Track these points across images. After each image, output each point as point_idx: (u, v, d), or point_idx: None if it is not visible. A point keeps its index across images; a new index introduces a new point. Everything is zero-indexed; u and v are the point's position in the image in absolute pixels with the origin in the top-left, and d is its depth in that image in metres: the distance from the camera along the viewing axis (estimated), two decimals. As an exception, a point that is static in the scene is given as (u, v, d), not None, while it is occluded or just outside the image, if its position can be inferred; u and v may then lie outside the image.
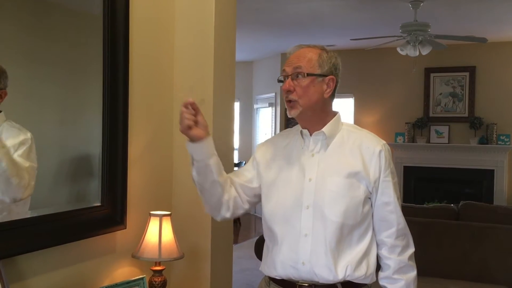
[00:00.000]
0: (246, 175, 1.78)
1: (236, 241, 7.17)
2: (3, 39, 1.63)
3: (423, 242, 3.74)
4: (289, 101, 1.65)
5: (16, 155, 1.60)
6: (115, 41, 1.95)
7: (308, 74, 1.63)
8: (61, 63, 1.83)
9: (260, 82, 9.15)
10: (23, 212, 1.70)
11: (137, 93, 2.11)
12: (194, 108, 1.61)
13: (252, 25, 6.39)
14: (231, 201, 1.74)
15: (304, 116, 1.66)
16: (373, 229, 1.70)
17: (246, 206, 1.79)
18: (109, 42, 1.93)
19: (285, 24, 6.21)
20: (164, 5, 2.31)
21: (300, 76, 1.63)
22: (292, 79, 1.63)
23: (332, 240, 1.62)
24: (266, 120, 9.30)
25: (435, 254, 3.68)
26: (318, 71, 1.64)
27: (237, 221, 7.88)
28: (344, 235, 1.63)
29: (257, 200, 1.80)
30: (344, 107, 8.09)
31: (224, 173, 1.72)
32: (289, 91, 1.63)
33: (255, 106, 9.47)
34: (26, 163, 1.64)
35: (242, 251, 6.03)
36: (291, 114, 1.66)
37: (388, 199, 1.67)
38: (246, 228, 7.76)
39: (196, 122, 1.61)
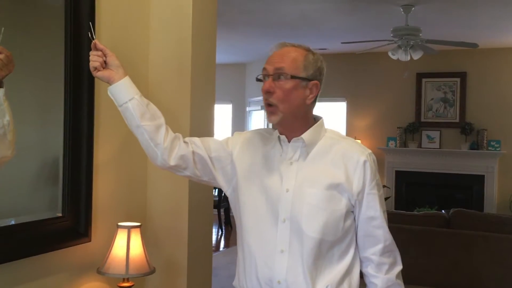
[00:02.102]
0: (212, 150, 1.65)
1: (227, 245, 7.06)
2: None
3: (413, 250, 3.68)
4: (269, 105, 1.52)
5: None
6: (78, 34, 1.81)
7: (292, 77, 1.49)
8: (23, 59, 1.72)
9: (253, 85, 9.06)
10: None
11: (105, 93, 1.98)
12: (100, 49, 1.59)
13: (244, 27, 6.33)
14: (180, 155, 1.61)
15: (284, 122, 1.53)
16: (357, 246, 1.58)
17: (198, 172, 1.65)
18: (71, 36, 1.80)
19: (277, 26, 6.15)
20: (138, 5, 2.19)
21: (282, 77, 1.49)
22: (273, 80, 1.50)
23: (310, 257, 1.49)
24: (258, 123, 9.23)
25: (425, 263, 3.63)
26: (302, 74, 1.50)
27: (228, 224, 7.78)
28: (323, 252, 1.51)
29: (212, 179, 1.67)
30: (336, 111, 8.04)
31: (159, 120, 1.61)
32: (268, 93, 1.50)
33: (248, 109, 9.40)
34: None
35: (232, 256, 5.91)
36: (271, 120, 1.53)
37: (374, 213, 1.55)
38: (237, 232, 7.64)
39: (106, 64, 1.60)
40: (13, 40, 1.68)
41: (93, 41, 1.60)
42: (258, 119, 9.29)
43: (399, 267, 1.61)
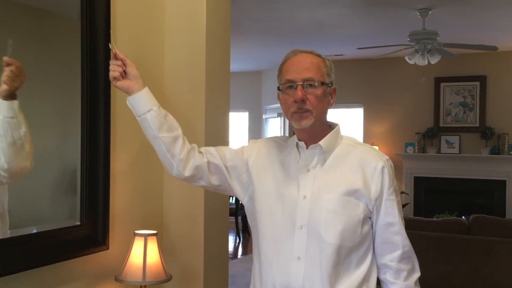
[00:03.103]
0: (227, 160, 1.66)
1: (245, 253, 7.05)
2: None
3: (432, 256, 3.63)
4: (301, 111, 1.52)
5: None
6: (94, 45, 1.84)
7: (322, 83, 1.53)
8: (41, 70, 1.75)
9: (269, 92, 9.09)
10: (3, 231, 1.61)
11: (121, 102, 2.00)
12: (121, 59, 1.60)
13: (260, 35, 6.35)
14: (195, 165, 1.62)
15: (312, 127, 1.55)
16: (374, 252, 1.57)
17: (214, 182, 1.67)
18: (87, 46, 1.82)
19: (292, 33, 6.16)
20: (151, 13, 2.21)
21: (313, 85, 1.52)
22: (303, 88, 1.52)
23: (328, 264, 1.49)
24: (275, 130, 9.22)
25: (444, 270, 3.57)
26: (327, 80, 1.55)
27: (246, 231, 7.77)
28: (341, 259, 1.50)
29: (228, 187, 1.68)
30: (353, 117, 8.00)
31: (177, 131, 1.63)
32: (302, 101, 1.51)
33: (264, 116, 9.41)
34: None
35: (251, 264, 5.89)
36: (303, 124, 1.53)
37: (393, 220, 1.55)
38: (255, 240, 7.62)
39: (126, 74, 1.61)
40: (30, 51, 1.72)
41: (114, 51, 1.60)
42: (274, 126, 9.29)
43: (417, 274, 1.59)
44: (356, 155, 1.58)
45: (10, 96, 1.51)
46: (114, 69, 1.60)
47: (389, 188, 1.55)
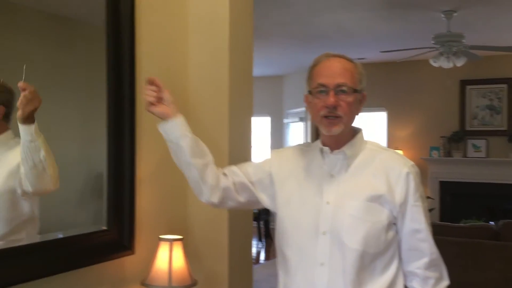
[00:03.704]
0: (252, 175, 1.68)
1: (267, 258, 7.03)
2: (18, 56, 1.61)
3: (460, 263, 3.56)
4: (333, 117, 1.51)
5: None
6: (119, 55, 1.86)
7: (354, 90, 1.52)
8: (67, 78, 1.78)
9: (291, 97, 9.08)
10: (32, 236, 1.64)
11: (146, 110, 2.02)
12: (157, 85, 1.60)
13: (281, 40, 6.35)
14: (222, 188, 1.65)
15: (340, 134, 1.54)
16: (400, 259, 1.55)
17: (242, 199, 1.69)
18: (112, 54, 1.84)
19: (312, 37, 6.14)
20: (175, 18, 2.23)
21: (345, 91, 1.51)
22: (336, 94, 1.50)
23: (352, 270, 1.47)
24: (296, 135, 9.20)
25: (472, 277, 3.50)
26: (359, 87, 1.54)
27: (268, 236, 7.75)
28: (365, 265, 1.48)
29: (256, 201, 1.69)
30: (376, 121, 7.93)
31: (207, 157, 1.64)
32: (334, 107, 1.50)
33: (286, 121, 9.40)
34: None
35: (273, 269, 5.87)
36: (333, 131, 1.52)
37: (419, 226, 1.52)
38: (278, 245, 7.58)
39: (161, 100, 1.60)
40: (57, 59, 1.74)
41: (151, 77, 1.60)
42: (296, 130, 9.26)
43: (445, 282, 1.57)
44: (380, 161, 1.56)
45: (27, 120, 1.52)
46: (150, 94, 1.60)
47: (415, 194, 1.52)
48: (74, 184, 1.82)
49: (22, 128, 1.52)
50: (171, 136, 1.62)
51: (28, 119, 1.52)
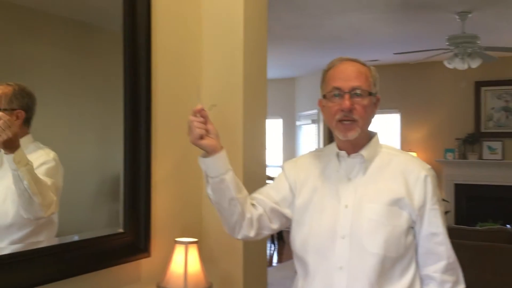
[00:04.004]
0: (275, 196, 1.66)
1: (280, 260, 7.02)
2: (36, 61, 1.63)
3: (476, 267, 3.52)
4: (347, 121, 1.50)
5: (38, 173, 1.57)
6: (136, 59, 1.88)
7: (369, 93, 1.52)
8: (84, 82, 1.80)
9: (303, 99, 9.07)
10: (51, 238, 1.66)
11: (161, 112, 2.03)
12: (203, 116, 1.51)
13: (293, 42, 6.35)
14: (255, 220, 1.62)
15: (357, 138, 1.53)
16: (417, 263, 1.54)
17: (275, 226, 1.66)
18: (129, 59, 1.86)
19: (325, 39, 6.13)
20: (190, 22, 2.25)
21: (360, 94, 1.50)
22: (351, 97, 1.50)
23: (372, 274, 1.46)
24: (309, 137, 9.18)
25: (489, 281, 3.46)
26: (373, 90, 1.54)
27: (281, 239, 7.73)
28: (385, 269, 1.48)
29: (285, 221, 1.68)
30: (389, 123, 7.88)
31: (244, 190, 1.61)
32: (350, 110, 1.49)
33: (298, 123, 9.39)
34: (49, 181, 1.61)
35: (286, 271, 5.89)
36: (349, 136, 1.51)
37: (437, 230, 1.52)
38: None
39: (206, 132, 1.51)
40: (75, 64, 1.77)
41: (198, 107, 1.51)
42: (308, 133, 9.25)
43: (462, 286, 1.56)
44: (398, 164, 1.56)
45: (7, 149, 1.50)
46: (200, 127, 1.50)
47: (433, 198, 1.52)
48: (91, 186, 1.84)
49: (5, 157, 1.51)
50: (215, 171, 1.53)
51: (7, 148, 1.49)
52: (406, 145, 7.64)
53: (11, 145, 1.49)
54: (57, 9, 1.72)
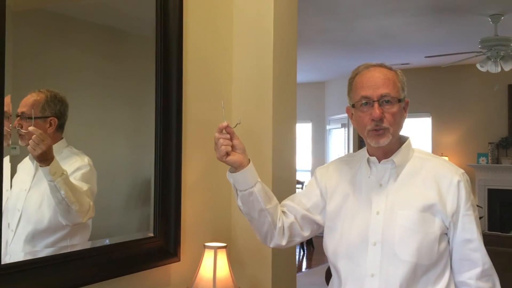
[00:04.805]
0: (306, 203, 1.66)
1: (309, 266, 6.98)
2: (71, 66, 1.66)
3: (510, 275, 3.42)
4: (379, 130, 1.49)
5: (73, 179, 1.61)
6: (168, 64, 1.90)
7: (398, 100, 1.50)
8: (117, 87, 1.83)
9: (333, 103, 9.02)
10: (83, 242, 1.69)
11: (191, 117, 2.05)
12: (229, 132, 1.52)
13: (322, 46, 6.33)
14: (287, 228, 1.62)
15: (388, 144, 1.52)
16: (451, 269, 1.51)
17: (306, 233, 1.66)
18: (161, 64, 1.88)
19: (355, 43, 6.09)
20: (220, 27, 2.27)
21: (389, 101, 1.49)
22: (380, 105, 1.48)
23: (404, 282, 1.44)
24: (338, 141, 9.12)
25: (524, 290, 3.34)
26: (402, 96, 1.52)
27: (310, 244, 7.68)
28: (418, 277, 1.46)
29: (317, 228, 1.67)
30: (420, 127, 7.76)
31: (274, 199, 1.61)
32: (380, 119, 1.48)
33: (328, 127, 9.34)
34: (85, 186, 1.64)
35: (315, 277, 5.84)
36: (381, 143, 1.49)
37: (471, 236, 1.49)
38: (320, 252, 7.48)
39: (232, 147, 1.52)
40: (108, 69, 1.80)
41: (224, 124, 1.51)
42: (338, 137, 9.18)
43: None
44: (430, 169, 1.53)
45: (43, 162, 1.53)
46: (226, 144, 1.50)
47: (466, 203, 1.49)
48: (122, 191, 1.86)
49: (40, 169, 1.55)
50: (243, 185, 1.54)
51: (42, 161, 1.53)
52: (437, 149, 7.51)
53: (46, 158, 1.53)
54: (91, 15, 1.75)
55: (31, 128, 1.51)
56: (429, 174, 1.52)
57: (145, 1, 1.90)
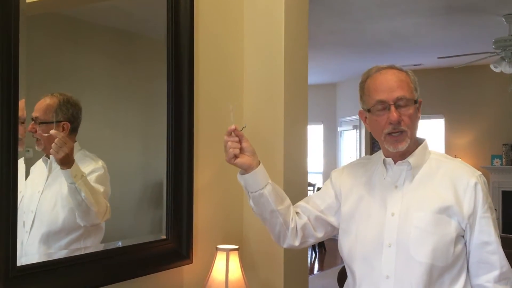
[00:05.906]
0: (320, 205, 1.66)
1: (321, 268, 6.96)
2: (83, 70, 1.68)
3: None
4: (397, 133, 1.48)
5: (90, 181, 1.63)
6: (179, 66, 1.91)
7: (414, 101, 1.50)
8: (129, 90, 1.84)
9: (344, 104, 8.99)
10: (96, 244, 1.69)
11: (203, 119, 2.05)
12: (237, 135, 1.53)
13: (334, 47, 6.31)
14: (300, 229, 1.63)
15: (407, 147, 1.51)
16: (468, 272, 1.50)
17: (319, 235, 1.67)
18: (173, 67, 1.89)
19: (366, 44, 6.06)
20: (231, 30, 2.27)
21: (405, 104, 1.48)
22: (396, 108, 1.47)
23: (419, 284, 1.43)
24: (350, 143, 9.08)
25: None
26: (416, 97, 1.51)
27: (322, 246, 7.66)
28: (433, 279, 1.44)
29: (331, 229, 1.67)
30: (433, 128, 7.71)
31: (286, 200, 1.61)
32: (398, 122, 1.47)
33: (339, 129, 9.31)
34: (101, 188, 1.67)
35: (327, 280, 5.83)
36: (400, 148, 1.49)
37: (489, 238, 1.47)
38: (332, 255, 7.50)
39: (241, 150, 1.53)
40: (120, 72, 1.81)
41: (232, 127, 1.53)
42: (349, 139, 9.15)
43: None
44: (446, 171, 1.52)
45: (64, 165, 1.56)
46: (234, 146, 1.52)
47: (483, 205, 1.48)
48: (134, 193, 1.87)
49: (61, 172, 1.58)
50: (253, 186, 1.55)
51: (64, 164, 1.56)
52: (450, 151, 7.45)
53: (68, 161, 1.56)
54: (103, 19, 1.77)
55: (52, 132, 1.54)
56: (446, 176, 1.51)
57: (156, 3, 1.91)
